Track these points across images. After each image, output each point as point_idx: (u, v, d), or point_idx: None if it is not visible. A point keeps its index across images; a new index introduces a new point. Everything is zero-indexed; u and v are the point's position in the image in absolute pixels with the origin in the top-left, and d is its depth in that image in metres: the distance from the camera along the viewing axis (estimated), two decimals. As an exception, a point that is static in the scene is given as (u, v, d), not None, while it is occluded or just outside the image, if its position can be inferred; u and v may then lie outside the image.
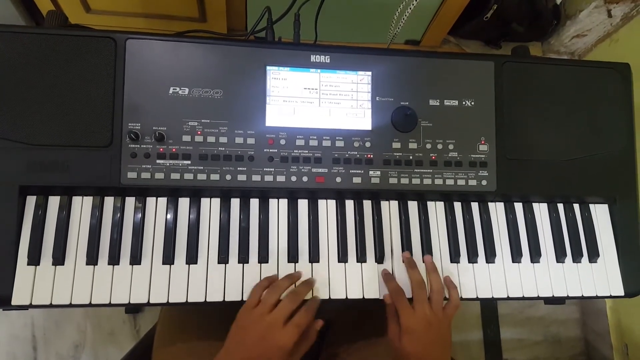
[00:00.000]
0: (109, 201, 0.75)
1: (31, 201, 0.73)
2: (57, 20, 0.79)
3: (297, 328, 0.68)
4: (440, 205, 0.84)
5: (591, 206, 0.88)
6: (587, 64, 0.88)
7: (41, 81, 0.72)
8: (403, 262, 0.79)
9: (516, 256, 0.83)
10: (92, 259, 0.72)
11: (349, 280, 0.78)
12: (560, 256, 0.84)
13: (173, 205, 0.76)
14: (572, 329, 1.70)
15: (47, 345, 1.41)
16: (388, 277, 0.78)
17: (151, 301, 0.72)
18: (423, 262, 0.80)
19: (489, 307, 1.66)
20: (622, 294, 0.85)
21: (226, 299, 0.74)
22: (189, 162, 0.75)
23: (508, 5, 1.46)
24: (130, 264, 0.73)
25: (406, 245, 0.80)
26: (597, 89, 0.86)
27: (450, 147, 0.81)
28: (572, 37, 1.60)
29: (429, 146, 0.81)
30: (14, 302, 0.69)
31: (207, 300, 0.73)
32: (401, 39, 1.54)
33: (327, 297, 0.76)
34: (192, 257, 0.74)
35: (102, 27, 1.28)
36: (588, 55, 1.65)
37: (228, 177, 0.75)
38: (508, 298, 0.81)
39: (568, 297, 0.83)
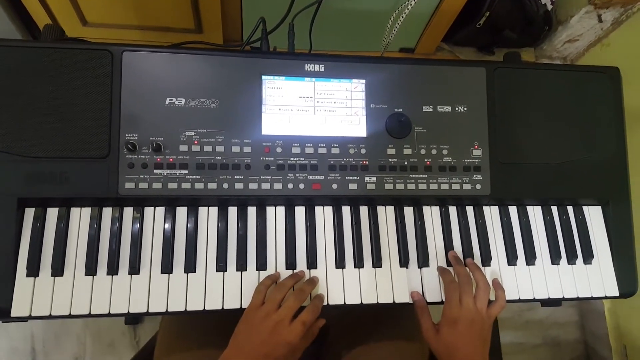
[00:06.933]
0: (107, 212, 0.76)
1: (30, 213, 0.73)
2: (54, 34, 0.80)
3: (303, 325, 0.70)
4: (436, 209, 0.85)
5: (585, 208, 0.89)
6: (577, 68, 0.90)
7: (39, 94, 0.72)
8: (449, 259, 0.82)
9: (511, 259, 0.84)
10: (91, 269, 0.73)
11: (346, 285, 0.78)
12: (555, 258, 0.85)
13: (171, 215, 0.77)
14: (571, 331, 1.70)
15: (47, 357, 1.41)
16: (445, 270, 0.80)
17: (150, 310, 0.73)
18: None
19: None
20: (617, 294, 0.86)
21: (225, 307, 0.75)
22: (186, 171, 0.75)
23: (500, 13, 1.49)
24: (129, 273, 0.74)
25: (403, 250, 0.81)
26: (587, 93, 0.88)
27: (444, 152, 0.82)
28: (564, 42, 1.62)
29: (423, 152, 0.82)
30: (13, 313, 0.70)
31: (206, 308, 0.74)
32: (395, 47, 1.55)
33: (325, 303, 0.77)
34: (190, 266, 0.75)
35: (99, 39, 1.29)
36: (580, 60, 1.67)
37: (225, 185, 0.76)
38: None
39: (564, 299, 0.84)
